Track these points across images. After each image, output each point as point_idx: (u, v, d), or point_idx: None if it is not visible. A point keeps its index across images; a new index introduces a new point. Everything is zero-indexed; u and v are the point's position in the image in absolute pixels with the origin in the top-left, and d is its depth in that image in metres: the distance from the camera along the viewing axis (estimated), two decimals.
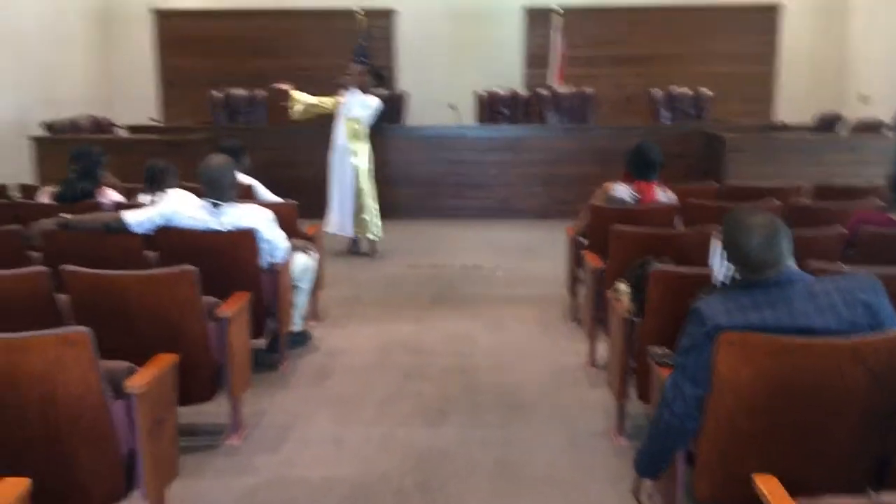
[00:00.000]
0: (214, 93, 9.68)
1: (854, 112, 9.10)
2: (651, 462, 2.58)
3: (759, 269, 2.33)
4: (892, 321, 2.31)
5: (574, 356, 4.61)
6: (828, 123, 8.50)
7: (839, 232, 3.94)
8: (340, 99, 6.96)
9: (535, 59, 10.73)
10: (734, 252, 2.40)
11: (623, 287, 3.46)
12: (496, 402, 4.04)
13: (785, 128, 8.98)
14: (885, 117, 7.96)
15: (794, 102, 10.35)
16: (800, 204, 5.00)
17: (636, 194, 4.71)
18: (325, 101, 7.01)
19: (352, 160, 6.93)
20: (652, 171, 4.75)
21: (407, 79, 10.78)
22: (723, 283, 2.56)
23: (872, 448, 2.36)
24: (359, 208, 7.00)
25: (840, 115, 8.58)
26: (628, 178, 4.81)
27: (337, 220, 7.03)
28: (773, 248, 2.33)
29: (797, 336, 2.24)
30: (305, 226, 5.38)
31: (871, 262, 3.34)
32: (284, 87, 7.03)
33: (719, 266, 2.69)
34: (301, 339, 4.78)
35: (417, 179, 8.76)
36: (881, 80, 9.58)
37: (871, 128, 7.97)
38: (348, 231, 7.04)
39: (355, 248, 7.21)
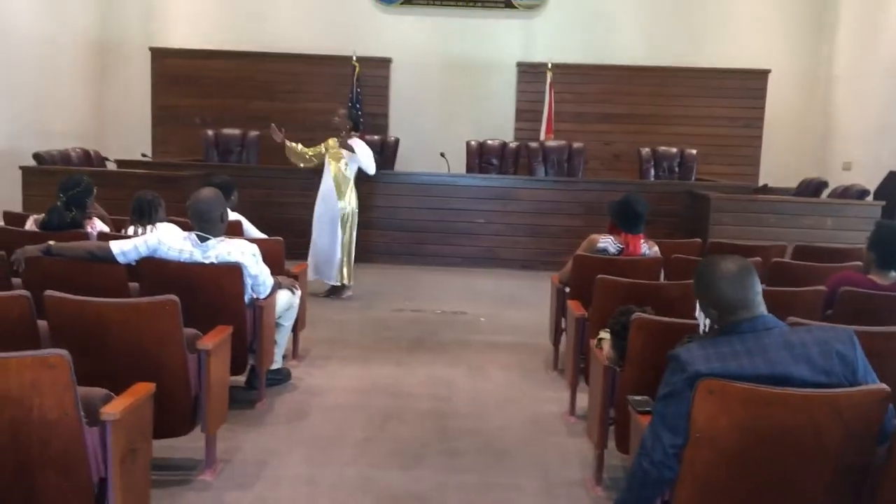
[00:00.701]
0: (207, 131, 9.77)
1: (837, 178, 9.27)
2: None
3: (733, 310, 2.36)
4: (867, 373, 2.34)
5: (554, 405, 4.60)
6: (811, 188, 8.64)
7: (819, 290, 3.99)
8: (327, 147, 7.01)
9: (526, 113, 10.92)
10: (707, 293, 2.43)
11: (605, 335, 3.47)
12: (474, 447, 4.01)
13: (769, 190, 9.12)
14: (868, 184, 8.11)
15: (778, 166, 10.55)
16: (781, 263, 5.06)
17: (621, 246, 4.76)
18: (310, 152, 7.10)
19: (339, 205, 6.97)
20: (638, 224, 4.80)
21: (399, 126, 10.92)
22: (703, 332, 2.58)
23: (847, 502, 2.36)
24: (347, 254, 7.00)
25: (825, 181, 8.73)
26: (614, 230, 4.87)
27: (318, 265, 7.01)
28: (746, 287, 2.37)
29: (774, 385, 2.26)
30: (292, 266, 5.39)
31: (849, 321, 3.37)
32: (278, 138, 7.07)
33: (702, 316, 2.75)
34: (280, 377, 4.75)
35: (405, 225, 8.81)
36: (864, 148, 9.78)
37: (853, 194, 8.10)
38: (330, 278, 7.02)
39: (332, 292, 7.20)
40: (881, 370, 2.45)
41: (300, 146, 7.16)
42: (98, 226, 4.98)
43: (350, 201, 7.02)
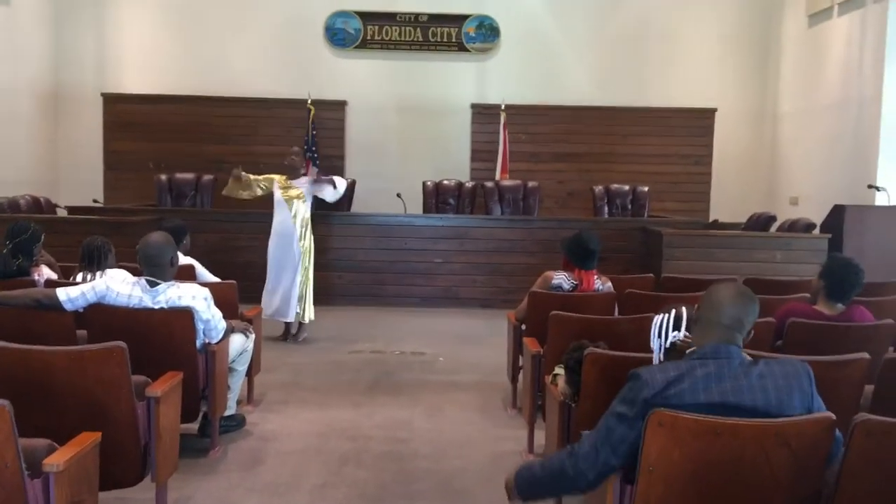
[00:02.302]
0: (161, 176, 9.69)
1: (785, 212, 9.50)
2: (531, 486, 2.53)
3: (723, 319, 2.43)
4: (820, 407, 2.37)
5: (513, 443, 4.58)
6: (760, 223, 8.84)
7: (768, 322, 4.05)
8: (279, 179, 6.99)
9: (482, 153, 11.05)
10: (709, 303, 2.48)
11: (559, 370, 3.48)
12: (433, 489, 3.97)
13: (719, 226, 9.30)
14: (814, 218, 8.32)
15: (728, 202, 10.78)
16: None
17: (575, 282, 4.80)
18: (260, 179, 7.02)
19: (300, 244, 6.94)
20: (590, 260, 4.85)
21: (356, 168, 10.96)
22: (660, 360, 2.65)
23: None
24: (303, 292, 6.96)
25: (773, 215, 8.94)
26: (568, 267, 4.91)
27: (276, 305, 6.95)
28: (744, 305, 2.46)
29: (726, 413, 2.29)
30: (246, 309, 5.33)
31: (797, 350, 3.44)
32: (240, 175, 7.03)
33: (657, 346, 2.80)
34: (234, 423, 4.66)
35: (363, 266, 8.80)
36: (809, 182, 10.05)
37: (800, 228, 8.30)
38: (289, 316, 6.96)
39: (289, 334, 7.12)
40: (829, 398, 2.50)
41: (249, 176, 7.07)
42: (46, 273, 4.88)
43: (308, 238, 7.00)
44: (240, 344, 4.62)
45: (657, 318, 2.89)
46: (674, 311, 2.89)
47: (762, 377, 2.35)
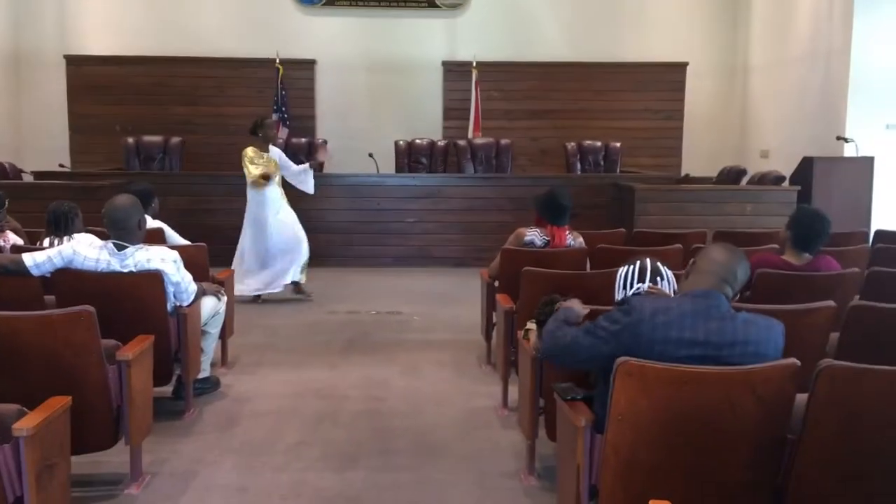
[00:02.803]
0: (128, 139, 9.52)
1: (755, 166, 9.56)
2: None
3: (718, 271, 2.50)
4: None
5: (487, 399, 4.62)
6: (731, 176, 8.89)
7: None
8: (252, 152, 6.82)
9: (454, 112, 10.95)
10: (706, 257, 2.57)
11: (531, 326, 3.50)
12: (408, 446, 4.00)
13: (691, 180, 9.34)
14: (784, 170, 8.38)
15: (699, 156, 10.80)
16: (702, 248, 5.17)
17: (547, 238, 4.81)
18: (259, 168, 6.78)
19: (288, 212, 6.94)
20: (562, 216, 4.86)
21: (327, 127, 10.84)
22: None
23: (767, 477, 2.43)
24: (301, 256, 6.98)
25: (743, 169, 8.99)
26: (540, 223, 4.92)
27: (268, 278, 6.90)
28: (738, 262, 2.54)
29: (707, 351, 2.36)
30: (217, 272, 5.29)
31: (765, 300, 3.48)
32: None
33: (622, 298, 2.84)
34: (209, 385, 4.65)
35: (336, 227, 8.75)
36: (779, 136, 10.10)
37: (770, 180, 8.36)
38: (279, 285, 6.93)
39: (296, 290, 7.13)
40: (795, 345, 2.54)
41: (253, 170, 6.74)
42: (11, 239, 4.82)
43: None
44: (212, 306, 4.59)
45: (621, 270, 2.93)
46: (638, 263, 2.93)
47: (746, 323, 2.42)
